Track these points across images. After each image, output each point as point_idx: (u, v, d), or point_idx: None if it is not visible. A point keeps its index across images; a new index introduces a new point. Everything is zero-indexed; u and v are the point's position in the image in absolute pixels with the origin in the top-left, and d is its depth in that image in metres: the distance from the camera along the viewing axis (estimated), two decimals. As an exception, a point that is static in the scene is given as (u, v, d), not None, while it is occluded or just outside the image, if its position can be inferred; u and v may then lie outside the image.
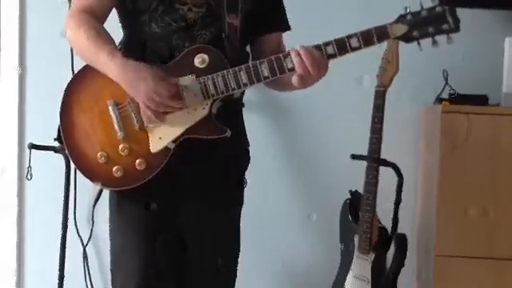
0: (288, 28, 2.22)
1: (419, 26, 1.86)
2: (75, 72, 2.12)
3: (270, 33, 2.17)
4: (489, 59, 3.17)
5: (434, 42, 1.87)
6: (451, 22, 1.84)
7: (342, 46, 1.89)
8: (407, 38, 1.88)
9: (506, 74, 2.97)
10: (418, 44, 1.89)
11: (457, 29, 1.85)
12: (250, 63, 1.97)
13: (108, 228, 2.17)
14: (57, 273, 3.02)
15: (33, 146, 2.94)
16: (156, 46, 2.04)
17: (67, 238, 3.05)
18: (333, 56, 1.91)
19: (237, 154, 2.17)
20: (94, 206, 3.20)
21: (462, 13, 1.92)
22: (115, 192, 2.08)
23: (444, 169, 2.89)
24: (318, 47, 1.91)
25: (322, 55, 1.90)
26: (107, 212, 2.17)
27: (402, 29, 1.87)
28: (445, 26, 1.85)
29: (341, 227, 2.93)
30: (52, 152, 2.87)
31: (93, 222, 3.24)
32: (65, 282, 3.04)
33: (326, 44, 1.91)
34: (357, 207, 2.81)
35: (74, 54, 3.03)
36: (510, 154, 2.86)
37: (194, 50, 1.99)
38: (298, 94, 3.20)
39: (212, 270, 2.13)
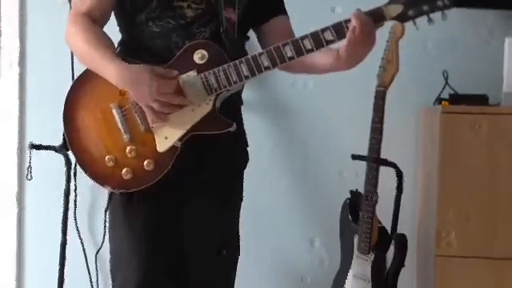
0: (285, 13, 2.20)
1: (414, 5, 1.86)
2: (75, 74, 2.12)
3: (270, 18, 2.15)
4: (489, 59, 3.18)
5: (430, 20, 1.87)
6: None
7: (340, 31, 1.89)
8: (403, 17, 1.87)
9: (506, 74, 2.96)
10: (414, 23, 1.89)
11: (451, 4, 1.84)
12: (250, 55, 1.97)
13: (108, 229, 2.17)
14: (57, 273, 3.02)
15: (33, 146, 2.94)
16: (155, 45, 2.04)
17: (67, 238, 3.05)
18: (332, 41, 1.91)
19: (237, 151, 2.16)
20: (106, 210, 3.16)
21: (463, 13, 1.92)
22: (117, 195, 2.08)
23: (444, 169, 2.89)
24: (315, 34, 1.91)
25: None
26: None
27: (397, 9, 1.87)
28: (439, 3, 1.85)
29: (341, 227, 2.93)
30: (52, 152, 2.87)
31: (105, 227, 3.21)
32: (65, 283, 3.04)
33: (324, 30, 1.91)
34: (357, 207, 2.81)
35: (73, 54, 3.04)
36: (510, 154, 2.86)
37: (192, 47, 1.99)
38: (298, 94, 3.22)
39: (213, 267, 2.13)
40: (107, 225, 2.18)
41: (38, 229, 3.36)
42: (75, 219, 3.25)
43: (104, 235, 3.23)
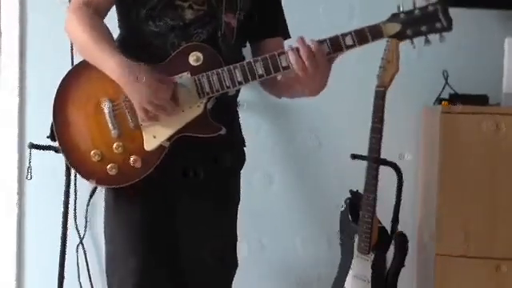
0: (288, 36, 2.20)
1: (412, 25, 1.87)
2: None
3: (269, 37, 2.16)
4: (489, 59, 3.18)
5: (427, 41, 1.88)
6: (443, 20, 1.85)
7: (337, 45, 1.89)
8: (401, 36, 1.88)
9: (506, 74, 2.97)
10: (412, 42, 1.89)
11: (449, 28, 1.86)
12: (245, 61, 1.96)
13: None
14: (57, 273, 3.02)
15: (33, 146, 2.94)
16: (153, 44, 2.03)
17: (67, 237, 3.05)
18: (327, 54, 1.90)
19: (231, 152, 2.16)
20: (87, 204, 3.19)
21: (463, 13, 1.92)
22: (111, 193, 2.08)
23: (444, 169, 2.89)
24: None
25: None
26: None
27: (395, 27, 1.88)
28: (438, 25, 1.86)
29: (341, 227, 2.93)
30: (52, 152, 2.86)
31: (86, 221, 3.23)
32: (65, 282, 3.04)
33: (321, 42, 1.90)
34: (357, 207, 2.81)
35: (73, 53, 3.04)
36: (510, 153, 2.86)
37: (188, 48, 1.98)
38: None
39: (209, 268, 2.13)
40: (103, 224, 2.16)
41: (38, 229, 3.36)
42: (75, 219, 3.25)
43: (85, 228, 3.26)
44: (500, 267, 2.86)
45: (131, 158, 1.98)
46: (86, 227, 3.26)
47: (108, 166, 1.99)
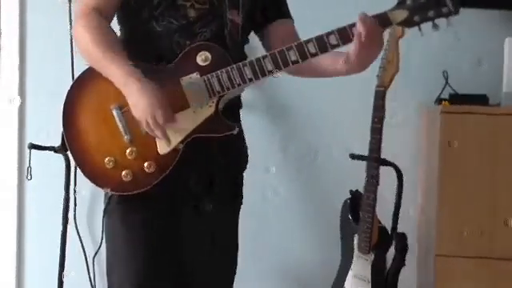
0: (289, 17, 2.20)
1: (419, 11, 1.87)
2: (75, 74, 2.10)
3: (273, 21, 2.15)
4: (489, 59, 3.18)
5: (435, 26, 1.88)
6: (450, 5, 1.85)
7: (345, 35, 1.89)
8: (408, 23, 1.88)
9: (506, 74, 2.97)
10: (419, 29, 1.89)
11: (456, 11, 1.85)
12: (254, 58, 1.95)
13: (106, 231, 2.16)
14: (57, 273, 3.02)
15: (33, 146, 2.94)
16: (157, 44, 2.02)
17: (67, 237, 3.05)
18: (336, 46, 1.91)
19: (237, 154, 2.16)
20: (104, 211, 3.13)
21: (463, 13, 1.92)
22: (116, 195, 2.06)
23: (444, 169, 2.89)
24: (320, 38, 1.90)
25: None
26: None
27: (402, 14, 1.88)
28: (444, 10, 1.85)
29: (341, 227, 2.93)
30: (52, 152, 2.87)
31: (103, 228, 3.19)
32: (64, 282, 3.04)
33: (329, 34, 1.90)
34: (357, 207, 2.81)
35: (73, 53, 3.04)
36: (510, 154, 2.86)
37: (195, 48, 1.98)
38: (298, 94, 3.22)
39: (212, 270, 2.12)
40: (106, 224, 2.16)
41: (38, 229, 3.37)
42: (75, 219, 3.25)
43: (102, 236, 3.21)
44: (500, 267, 2.86)
45: (145, 163, 1.96)
46: (102, 235, 3.21)
47: (123, 173, 1.97)
